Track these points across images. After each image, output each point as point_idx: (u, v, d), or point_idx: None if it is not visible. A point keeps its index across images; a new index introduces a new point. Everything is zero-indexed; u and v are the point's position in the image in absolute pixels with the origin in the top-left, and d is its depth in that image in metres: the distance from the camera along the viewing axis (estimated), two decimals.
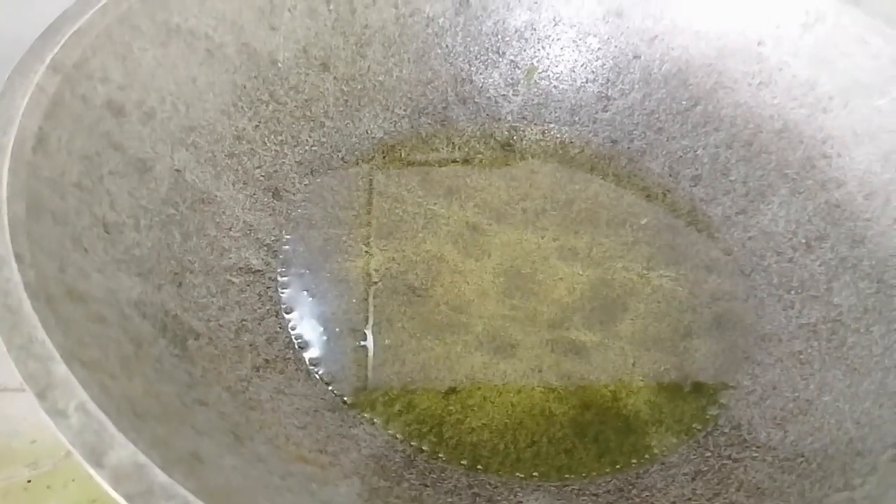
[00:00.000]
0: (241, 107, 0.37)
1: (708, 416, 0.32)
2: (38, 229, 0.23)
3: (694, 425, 0.31)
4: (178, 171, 0.33)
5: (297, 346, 0.32)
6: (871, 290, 0.33)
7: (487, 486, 0.28)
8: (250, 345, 0.30)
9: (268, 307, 0.33)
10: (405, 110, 0.43)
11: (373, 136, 0.42)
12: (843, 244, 0.35)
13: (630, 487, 0.28)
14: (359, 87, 0.42)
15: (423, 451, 0.29)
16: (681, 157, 0.42)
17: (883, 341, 0.31)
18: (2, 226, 0.22)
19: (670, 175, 0.42)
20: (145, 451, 0.18)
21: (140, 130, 0.31)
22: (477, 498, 0.27)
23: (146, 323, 0.26)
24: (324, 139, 0.40)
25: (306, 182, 0.38)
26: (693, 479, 0.28)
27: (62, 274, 0.23)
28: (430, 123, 0.43)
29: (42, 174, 0.25)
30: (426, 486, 0.27)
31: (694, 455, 0.30)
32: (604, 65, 0.44)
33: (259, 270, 0.34)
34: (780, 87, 0.40)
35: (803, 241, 0.37)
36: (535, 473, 0.29)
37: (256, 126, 0.37)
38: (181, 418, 0.22)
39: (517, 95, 0.45)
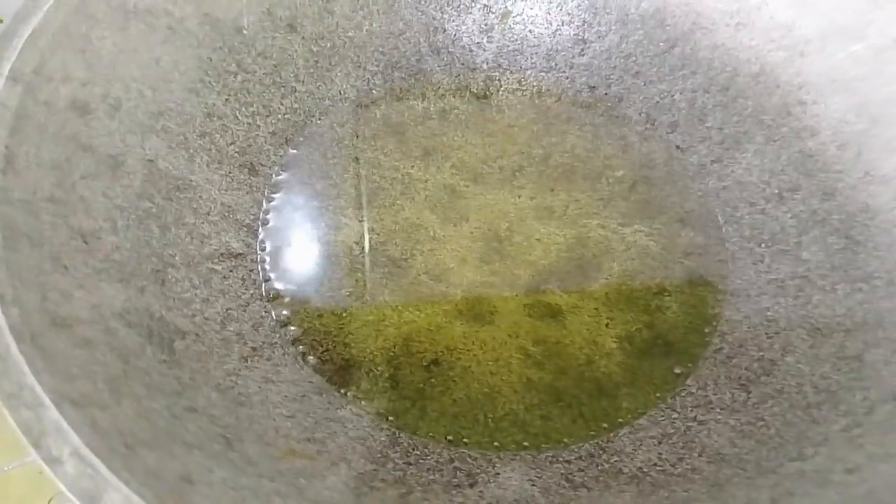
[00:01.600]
0: (209, 82, 0.36)
1: (677, 376, 0.33)
2: (15, 259, 0.24)
3: (663, 385, 0.33)
4: (150, 160, 0.33)
5: (282, 329, 0.33)
6: (838, 247, 0.34)
7: (468, 460, 0.30)
8: (237, 334, 0.31)
9: (251, 291, 0.34)
10: (377, 66, 0.42)
11: (346, 96, 0.41)
12: (815, 196, 0.36)
13: (601, 452, 0.30)
14: (328, 45, 0.41)
15: (406, 427, 0.31)
16: (658, 102, 0.42)
17: (846, 301, 0.32)
18: None
19: (647, 122, 0.42)
20: (138, 490, 0.20)
21: (108, 125, 0.31)
22: (458, 472, 0.29)
23: (132, 333, 0.27)
24: (296, 105, 0.40)
25: (281, 154, 0.38)
26: (659, 443, 0.30)
27: (44, 302, 0.24)
28: (403, 78, 0.42)
29: (13, 197, 0.26)
30: (409, 464, 0.29)
31: (662, 417, 0.32)
32: (579, 5, 0.43)
33: (240, 254, 0.34)
34: (758, 28, 0.39)
35: (776, 191, 0.37)
36: (512, 443, 0.31)
37: (226, 100, 0.37)
38: (172, 435, 0.24)
39: (491, 42, 0.44)
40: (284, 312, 0.34)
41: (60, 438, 0.20)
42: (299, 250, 0.36)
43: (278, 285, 0.35)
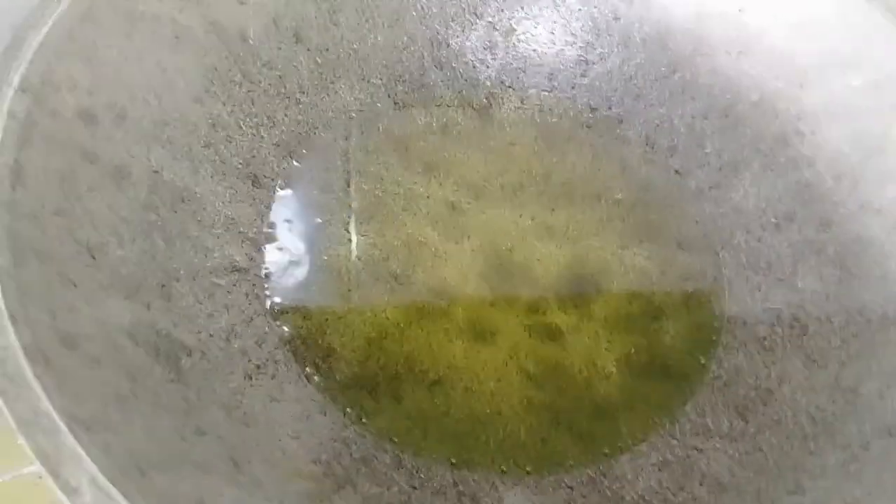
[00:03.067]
0: (214, 91, 0.36)
1: (675, 401, 0.34)
2: (25, 277, 0.24)
3: (662, 410, 0.33)
4: (155, 171, 0.32)
5: (285, 346, 0.33)
6: (833, 278, 0.35)
7: (471, 483, 0.30)
8: (241, 351, 0.31)
9: (255, 306, 0.33)
10: (381, 79, 0.42)
11: (349, 109, 0.41)
12: (811, 226, 0.37)
13: (602, 478, 0.31)
14: (333, 57, 0.41)
15: (410, 448, 0.31)
16: (658, 125, 0.42)
17: (841, 332, 0.33)
18: None
19: (647, 145, 0.42)
20: None
21: (114, 135, 0.31)
22: (462, 497, 0.29)
23: (139, 351, 0.27)
24: (300, 117, 0.39)
25: (284, 166, 0.38)
26: (660, 470, 0.31)
27: (54, 321, 0.24)
28: (406, 92, 0.42)
29: (22, 212, 0.25)
30: (414, 487, 0.29)
31: (661, 443, 0.32)
32: (583, 26, 0.43)
33: (244, 268, 0.34)
34: (758, 56, 0.40)
35: (773, 219, 0.38)
36: (515, 465, 0.31)
37: (231, 111, 0.37)
38: (182, 457, 0.24)
39: (495, 59, 0.44)
40: (286, 329, 0.34)
41: (78, 466, 0.20)
42: (302, 265, 0.36)
43: (280, 300, 0.35)
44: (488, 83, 0.44)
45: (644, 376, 0.35)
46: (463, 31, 0.43)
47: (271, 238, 0.36)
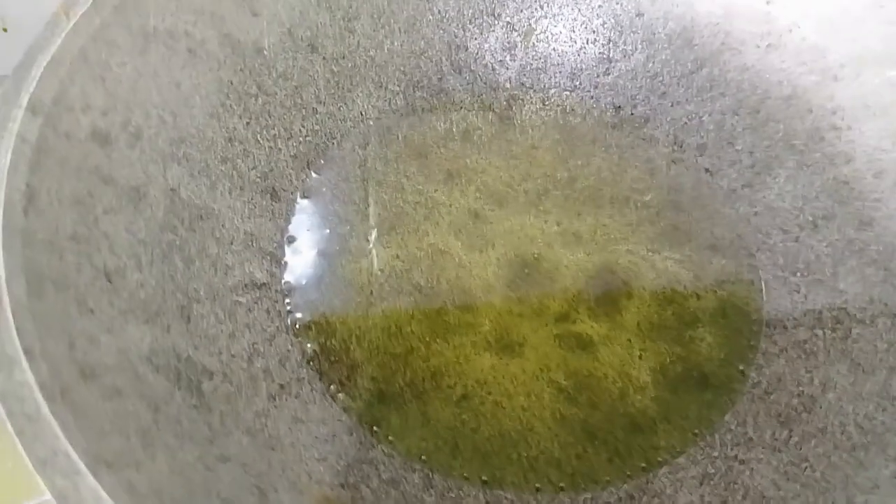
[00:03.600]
0: (230, 105, 0.35)
1: (714, 411, 0.32)
2: (41, 308, 0.23)
3: (700, 421, 0.32)
4: (172, 190, 0.32)
5: (308, 364, 0.32)
6: (877, 278, 0.33)
7: (504, 502, 0.29)
8: (264, 371, 0.30)
9: (276, 324, 0.33)
10: (399, 86, 0.41)
11: (367, 117, 0.40)
12: (850, 225, 0.35)
13: (641, 495, 0.30)
14: (349, 65, 0.40)
15: (439, 467, 0.30)
16: (685, 124, 0.41)
17: (888, 335, 0.31)
18: (5, 320, 0.21)
19: (675, 144, 0.41)
20: None
21: (129, 155, 0.30)
22: None
23: (160, 377, 0.26)
24: (317, 127, 0.39)
25: (303, 178, 0.37)
26: (701, 484, 0.29)
27: (72, 351, 0.23)
28: (425, 98, 0.41)
29: (36, 238, 0.25)
30: None
31: (701, 455, 0.31)
32: (605, 23, 0.42)
33: (264, 284, 0.33)
34: (789, 50, 0.38)
35: (810, 218, 0.36)
36: (549, 483, 0.30)
37: (247, 123, 0.36)
38: (207, 489, 0.23)
39: (514, 61, 0.43)
40: (309, 345, 0.33)
41: None
42: (323, 278, 0.35)
43: (302, 316, 0.34)
44: (508, 85, 0.43)
45: (681, 386, 0.33)
46: (481, 33, 0.42)
47: (292, 252, 0.35)
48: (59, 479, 0.19)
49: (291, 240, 0.36)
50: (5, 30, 0.44)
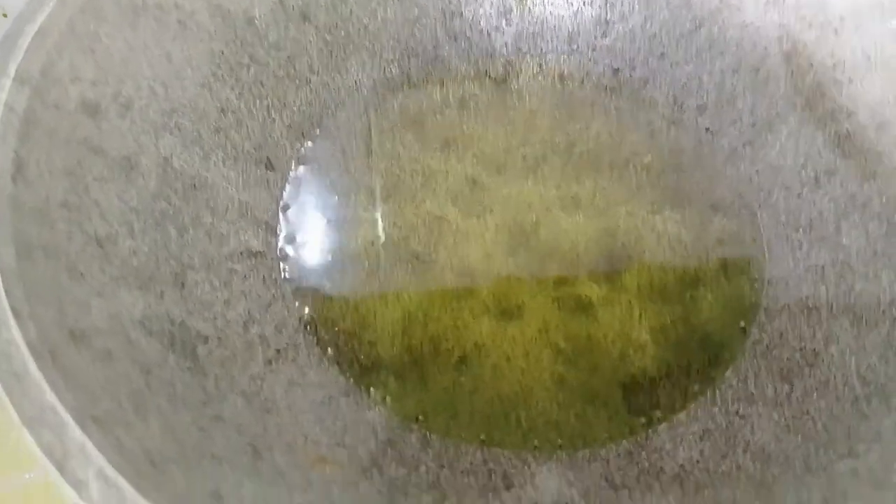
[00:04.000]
0: (222, 76, 0.35)
1: (716, 369, 0.32)
2: (30, 271, 0.23)
3: (701, 379, 0.32)
4: (164, 159, 0.32)
5: (305, 330, 0.32)
6: (880, 232, 0.32)
7: (502, 460, 0.29)
8: (260, 337, 0.30)
9: (273, 291, 0.33)
10: (393, 54, 0.41)
11: (362, 86, 0.40)
12: (853, 179, 0.34)
13: (640, 450, 0.29)
14: (342, 34, 0.40)
15: (437, 429, 0.30)
16: (685, 84, 0.40)
17: (891, 289, 0.31)
18: None
19: (675, 105, 0.40)
20: None
21: (120, 126, 0.30)
22: (493, 474, 0.28)
23: (153, 341, 0.26)
24: (311, 97, 0.38)
25: (298, 147, 0.37)
26: (701, 439, 0.29)
27: (62, 315, 0.23)
28: (420, 66, 0.41)
29: (26, 206, 0.25)
30: (443, 467, 0.28)
31: (702, 411, 0.31)
32: None
33: (260, 252, 0.33)
34: (788, 5, 0.38)
35: (812, 174, 0.36)
36: (547, 442, 0.30)
37: (240, 94, 0.36)
38: (199, 449, 0.23)
39: (510, 26, 0.42)
40: (307, 312, 0.33)
41: (85, 459, 0.19)
42: (320, 247, 0.35)
43: (299, 284, 0.34)
44: (505, 51, 0.42)
45: (681, 346, 0.33)
46: None
47: (288, 221, 0.35)
48: (46, 434, 0.19)
49: (287, 208, 0.36)
50: (5, 15, 0.44)
